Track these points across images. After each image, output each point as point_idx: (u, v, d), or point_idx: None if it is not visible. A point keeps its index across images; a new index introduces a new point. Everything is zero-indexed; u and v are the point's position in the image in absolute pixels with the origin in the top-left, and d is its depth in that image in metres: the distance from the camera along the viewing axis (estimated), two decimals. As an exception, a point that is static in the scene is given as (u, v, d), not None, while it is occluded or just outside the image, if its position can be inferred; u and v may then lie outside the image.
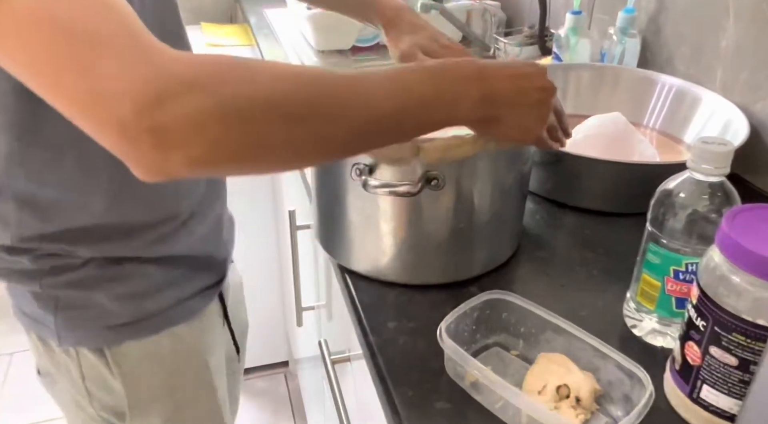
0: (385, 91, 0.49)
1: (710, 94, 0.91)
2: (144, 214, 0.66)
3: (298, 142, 0.45)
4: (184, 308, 0.72)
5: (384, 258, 0.67)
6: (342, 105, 0.47)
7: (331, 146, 0.48)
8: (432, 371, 0.57)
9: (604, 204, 0.82)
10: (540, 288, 0.69)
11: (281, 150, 0.45)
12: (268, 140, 0.43)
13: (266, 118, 0.43)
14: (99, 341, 0.68)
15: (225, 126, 0.41)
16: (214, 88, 0.41)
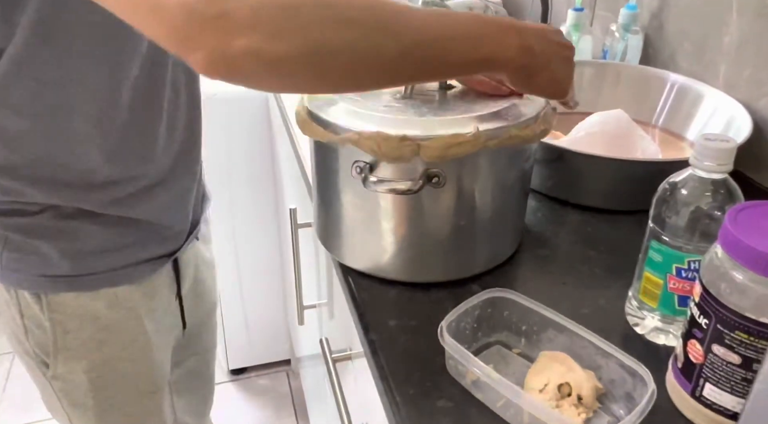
0: (435, 18, 0.51)
1: (713, 91, 0.91)
2: (111, 166, 0.68)
3: (355, 48, 0.45)
4: (128, 273, 0.75)
5: (385, 256, 0.67)
6: (397, 17, 0.47)
7: (385, 60, 0.48)
8: (433, 370, 0.57)
9: (606, 202, 0.81)
10: (542, 286, 0.69)
11: (339, 53, 0.45)
12: (326, 38, 0.44)
13: (326, 16, 0.43)
14: (36, 286, 0.71)
15: (287, 17, 0.42)
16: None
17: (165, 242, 0.78)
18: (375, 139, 0.59)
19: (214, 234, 1.59)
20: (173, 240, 0.80)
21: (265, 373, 1.87)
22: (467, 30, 0.52)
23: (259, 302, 1.74)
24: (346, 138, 0.60)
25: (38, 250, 0.69)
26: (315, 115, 0.64)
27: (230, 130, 1.51)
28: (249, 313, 1.75)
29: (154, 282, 0.79)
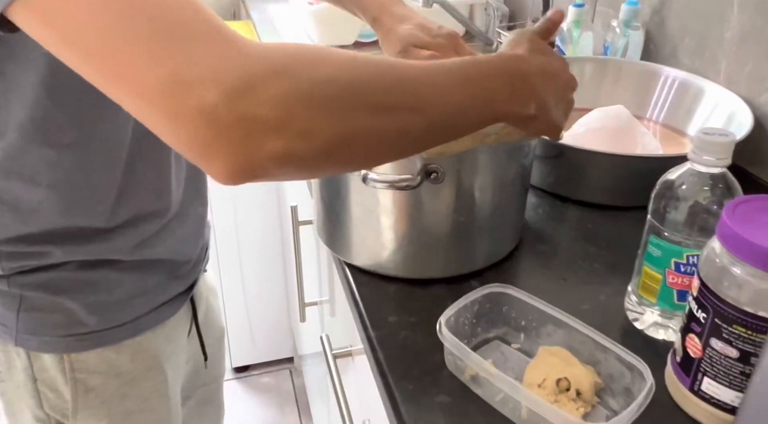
0: (456, 83, 0.48)
1: (714, 86, 0.90)
2: (132, 211, 0.64)
3: (382, 133, 0.44)
4: (150, 318, 0.71)
5: (384, 252, 0.67)
6: (421, 94, 0.46)
7: (411, 138, 0.46)
8: (432, 365, 0.57)
9: (606, 197, 0.81)
10: (542, 282, 0.69)
11: (367, 140, 0.43)
12: (354, 128, 0.41)
13: (352, 105, 0.41)
14: (59, 348, 0.66)
15: (313, 113, 0.39)
16: (301, 73, 0.39)
17: (182, 279, 0.75)
18: (373, 135, 0.59)
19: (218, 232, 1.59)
20: (188, 275, 0.76)
21: (268, 371, 1.87)
22: (482, 92, 0.50)
23: (261, 300, 1.75)
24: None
25: (62, 307, 0.64)
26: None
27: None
28: (252, 311, 1.75)
29: (172, 324, 0.74)
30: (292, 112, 0.38)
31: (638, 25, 1.05)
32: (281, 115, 0.37)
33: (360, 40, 1.39)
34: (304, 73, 0.39)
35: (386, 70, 0.44)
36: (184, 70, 0.36)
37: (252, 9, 1.73)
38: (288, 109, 0.37)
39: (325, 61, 0.41)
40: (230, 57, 0.37)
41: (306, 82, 0.38)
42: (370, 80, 0.43)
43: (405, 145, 0.47)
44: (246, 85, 0.36)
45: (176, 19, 0.37)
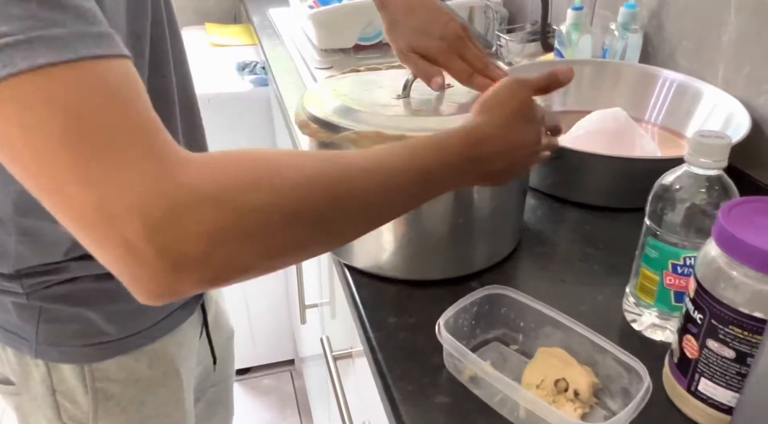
0: (412, 182, 0.48)
1: (712, 89, 0.91)
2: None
3: (321, 242, 0.44)
4: (168, 322, 0.71)
5: (384, 254, 0.68)
6: (366, 203, 0.45)
7: (351, 237, 0.47)
8: (432, 366, 0.58)
9: (605, 199, 0.82)
10: (540, 283, 0.69)
11: (302, 251, 0.43)
12: (287, 247, 0.41)
13: (288, 228, 0.40)
14: (79, 358, 0.66)
15: (243, 241, 0.38)
16: (233, 200, 0.37)
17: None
18: (373, 138, 0.59)
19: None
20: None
21: (269, 373, 1.87)
22: (440, 184, 0.51)
23: (262, 302, 1.75)
24: (344, 137, 0.61)
25: (81, 317, 0.64)
26: (313, 116, 0.64)
27: (232, 130, 1.51)
28: (253, 313, 1.76)
29: (185, 328, 0.75)
30: (216, 246, 0.37)
31: (636, 27, 1.05)
32: (203, 249, 0.37)
33: (360, 43, 1.40)
34: (235, 202, 0.37)
35: (329, 185, 0.43)
36: (109, 200, 0.36)
37: (252, 13, 1.74)
38: (211, 243, 0.37)
39: (262, 184, 0.39)
40: (158, 184, 0.36)
41: (234, 212, 0.37)
42: (312, 201, 0.41)
43: (346, 241, 0.48)
44: (170, 217, 0.36)
45: (107, 140, 0.36)
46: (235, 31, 1.87)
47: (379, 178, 0.46)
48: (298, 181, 0.41)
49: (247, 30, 1.86)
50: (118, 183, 0.36)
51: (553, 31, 1.32)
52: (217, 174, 0.38)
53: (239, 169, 0.39)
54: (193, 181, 0.37)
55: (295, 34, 1.52)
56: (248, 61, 1.62)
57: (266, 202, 0.39)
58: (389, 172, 0.47)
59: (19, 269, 0.61)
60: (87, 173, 0.36)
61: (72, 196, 0.36)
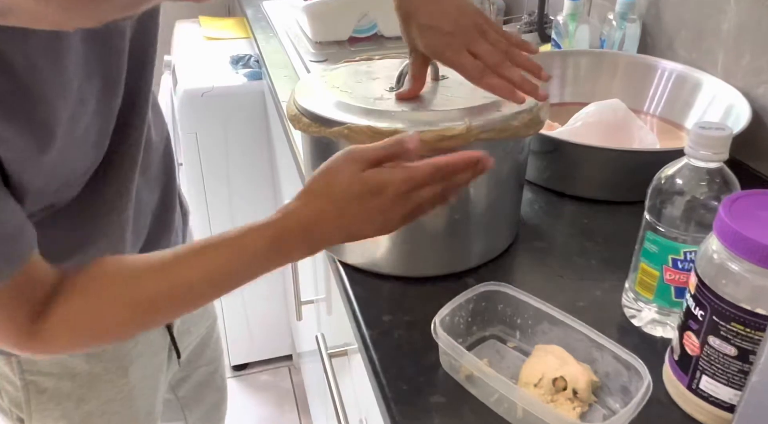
0: (253, 272, 0.55)
1: (711, 79, 0.89)
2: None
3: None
4: None
5: (379, 250, 0.66)
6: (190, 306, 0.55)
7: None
8: (427, 365, 0.57)
9: (603, 193, 0.80)
10: (538, 279, 0.68)
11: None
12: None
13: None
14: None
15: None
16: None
17: None
18: (366, 132, 0.58)
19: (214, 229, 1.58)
20: None
21: (266, 368, 1.86)
22: (279, 264, 0.55)
23: (259, 298, 1.74)
24: (336, 132, 0.59)
25: None
26: (305, 109, 0.63)
27: (227, 125, 1.50)
28: (249, 309, 1.75)
29: None
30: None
31: (635, 17, 1.04)
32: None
33: (355, 35, 1.38)
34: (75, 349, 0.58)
35: (151, 315, 0.54)
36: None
37: (246, 5, 1.72)
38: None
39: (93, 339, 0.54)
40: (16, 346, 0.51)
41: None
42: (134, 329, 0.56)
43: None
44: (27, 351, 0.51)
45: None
46: (229, 25, 1.85)
47: (205, 286, 0.53)
48: (124, 320, 0.53)
49: (241, 23, 1.84)
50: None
51: (550, 21, 1.30)
52: (60, 343, 0.52)
53: (74, 335, 0.52)
54: (42, 349, 0.51)
55: (289, 26, 1.50)
56: (242, 54, 1.60)
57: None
58: (225, 272, 0.54)
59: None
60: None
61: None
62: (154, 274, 0.52)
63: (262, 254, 0.53)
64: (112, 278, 0.51)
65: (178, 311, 0.57)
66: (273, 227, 0.53)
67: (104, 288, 0.51)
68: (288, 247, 0.53)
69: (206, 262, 0.52)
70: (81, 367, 0.70)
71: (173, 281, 0.51)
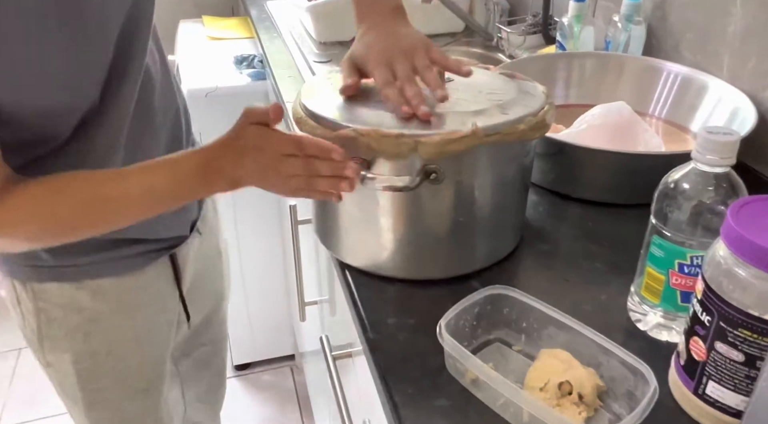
0: (157, 201, 0.63)
1: (717, 82, 0.89)
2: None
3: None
4: (113, 266, 0.75)
5: (383, 253, 0.66)
6: (106, 223, 0.64)
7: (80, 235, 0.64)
8: (432, 368, 0.57)
9: (608, 195, 0.80)
10: (543, 282, 0.68)
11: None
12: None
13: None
14: (23, 275, 0.74)
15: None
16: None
17: (160, 241, 0.78)
18: (372, 135, 0.58)
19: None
20: (169, 240, 0.79)
21: (269, 368, 1.87)
22: (181, 195, 0.64)
23: (262, 298, 1.74)
24: (342, 135, 0.59)
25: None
26: (311, 111, 0.63)
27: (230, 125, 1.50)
28: (252, 308, 1.75)
29: (147, 274, 0.78)
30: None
31: (640, 19, 1.03)
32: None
33: (359, 36, 1.38)
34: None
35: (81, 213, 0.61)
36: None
37: (250, 5, 1.72)
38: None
39: (29, 232, 0.61)
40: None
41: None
42: (51, 235, 0.62)
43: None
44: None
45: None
46: (233, 24, 1.85)
47: (125, 198, 0.62)
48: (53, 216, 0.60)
49: (245, 23, 1.84)
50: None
51: (554, 23, 1.30)
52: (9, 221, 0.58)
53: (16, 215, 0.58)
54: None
55: (293, 26, 1.50)
56: (246, 54, 1.60)
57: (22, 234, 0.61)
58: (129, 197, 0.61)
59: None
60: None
61: None
62: (107, 177, 0.62)
63: (192, 174, 0.62)
64: (71, 176, 0.60)
65: (121, 217, 0.63)
66: (200, 153, 0.62)
67: (61, 181, 0.59)
68: (212, 174, 0.62)
69: (149, 174, 0.62)
70: (86, 302, 0.75)
71: (124, 185, 0.61)
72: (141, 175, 0.61)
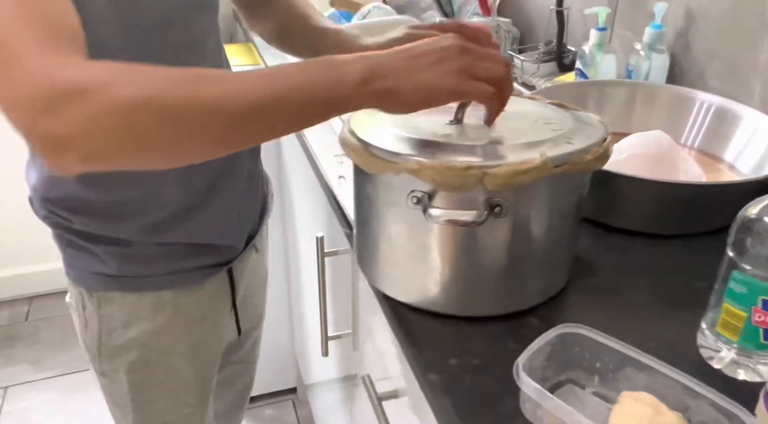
0: (265, 80, 0.50)
1: (751, 112, 0.89)
2: (127, 197, 0.71)
3: (179, 137, 0.47)
4: (174, 279, 0.76)
5: (437, 288, 0.64)
6: (217, 97, 0.48)
7: (209, 138, 0.49)
8: (506, 413, 0.53)
9: (650, 225, 0.79)
10: (602, 318, 0.65)
11: (163, 144, 0.47)
12: (149, 137, 0.46)
13: (146, 117, 0.45)
14: (89, 283, 0.75)
15: (110, 128, 0.44)
16: (101, 93, 0.44)
17: (218, 253, 0.78)
18: (436, 168, 0.55)
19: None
20: (227, 251, 0.80)
21: (271, 402, 1.81)
22: (301, 79, 0.51)
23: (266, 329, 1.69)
24: (405, 167, 0.57)
25: (91, 250, 0.73)
26: (368, 144, 0.60)
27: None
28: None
29: (206, 289, 0.79)
30: (90, 130, 0.44)
31: (663, 48, 1.04)
32: (79, 133, 0.44)
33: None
34: (104, 93, 0.44)
35: (185, 80, 0.47)
36: (8, 92, 0.44)
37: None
38: (85, 127, 0.44)
39: (129, 79, 0.46)
40: (42, 78, 0.44)
41: (104, 102, 0.44)
42: (166, 93, 0.46)
43: (206, 144, 0.49)
44: (49, 107, 0.43)
45: (9, 40, 0.45)
46: (235, 51, 1.82)
47: (237, 78, 0.49)
48: (159, 77, 0.47)
49: (248, 49, 1.82)
50: (9, 78, 0.44)
51: (567, 51, 1.30)
52: (90, 71, 0.45)
53: (111, 67, 0.46)
54: (73, 75, 0.44)
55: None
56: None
57: (128, 94, 0.45)
58: (249, 74, 0.50)
59: (47, 197, 0.72)
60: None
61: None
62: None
63: (305, 65, 0.52)
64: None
65: (230, 93, 0.48)
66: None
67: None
68: (336, 59, 0.52)
69: (241, 73, 0.51)
70: (146, 314, 0.76)
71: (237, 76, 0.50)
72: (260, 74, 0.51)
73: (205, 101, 0.47)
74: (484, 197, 0.57)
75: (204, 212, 0.75)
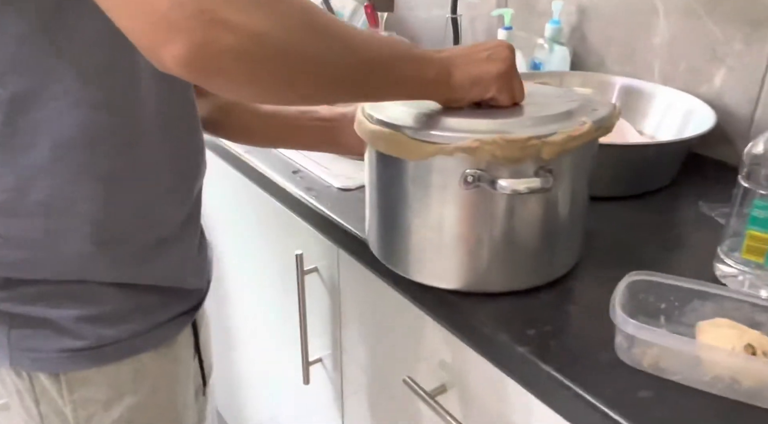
0: (386, 41, 0.55)
1: (662, 88, 1.01)
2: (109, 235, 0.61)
3: (323, 59, 0.48)
4: (153, 335, 0.66)
5: (490, 267, 0.64)
6: (354, 35, 0.51)
7: (342, 72, 0.50)
8: (608, 363, 0.55)
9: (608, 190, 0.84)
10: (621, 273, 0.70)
11: (309, 62, 0.47)
12: (304, 46, 0.46)
13: (306, 21, 0.46)
14: (54, 365, 0.61)
15: (273, 19, 0.44)
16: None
17: (185, 299, 0.70)
18: (499, 143, 0.56)
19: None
20: (193, 296, 0.72)
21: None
22: (415, 54, 0.57)
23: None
24: (460, 147, 0.57)
25: (50, 320, 0.60)
26: (411, 130, 0.59)
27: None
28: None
29: (176, 345, 0.70)
30: (255, 14, 0.42)
31: (563, 41, 1.15)
32: (245, 13, 0.42)
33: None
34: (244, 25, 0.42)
35: (320, 14, 0.48)
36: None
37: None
38: (251, 9, 0.42)
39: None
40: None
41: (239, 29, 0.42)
42: (312, 14, 0.47)
43: (338, 80, 0.51)
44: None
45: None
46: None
47: (360, 32, 0.52)
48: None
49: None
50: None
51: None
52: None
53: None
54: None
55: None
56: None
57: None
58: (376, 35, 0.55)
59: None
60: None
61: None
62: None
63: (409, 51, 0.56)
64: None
65: (341, 43, 0.50)
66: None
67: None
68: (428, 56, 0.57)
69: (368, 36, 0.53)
70: (128, 386, 0.65)
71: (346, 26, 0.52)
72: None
73: (345, 36, 0.50)
74: (534, 168, 0.59)
75: (179, 245, 0.68)
